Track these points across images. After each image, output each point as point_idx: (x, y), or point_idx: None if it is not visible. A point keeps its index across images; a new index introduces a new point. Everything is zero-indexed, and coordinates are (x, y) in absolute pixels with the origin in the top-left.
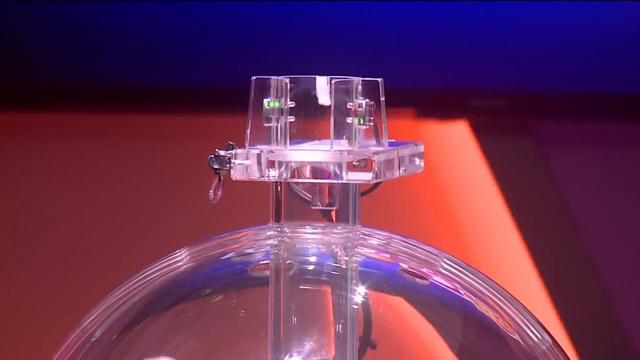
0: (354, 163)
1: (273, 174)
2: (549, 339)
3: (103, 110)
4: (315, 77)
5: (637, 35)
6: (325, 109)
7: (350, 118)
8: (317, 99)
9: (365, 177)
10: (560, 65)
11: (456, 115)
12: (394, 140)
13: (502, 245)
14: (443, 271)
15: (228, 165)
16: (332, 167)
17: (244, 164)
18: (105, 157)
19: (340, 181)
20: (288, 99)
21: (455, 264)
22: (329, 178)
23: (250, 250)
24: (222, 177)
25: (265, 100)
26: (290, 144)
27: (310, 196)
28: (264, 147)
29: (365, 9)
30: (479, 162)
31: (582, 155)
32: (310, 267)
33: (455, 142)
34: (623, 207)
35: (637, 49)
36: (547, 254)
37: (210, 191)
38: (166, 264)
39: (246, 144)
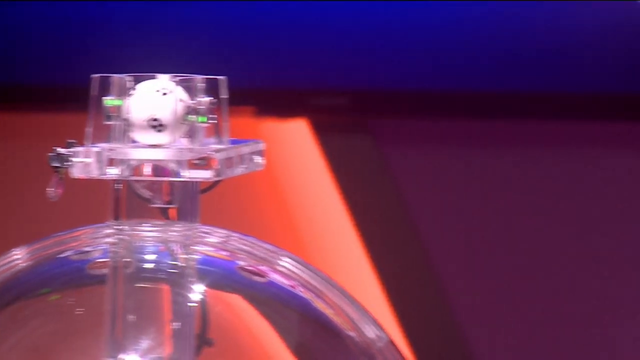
0: (194, 161)
1: (113, 172)
2: (386, 336)
3: None
4: (156, 75)
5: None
6: None
7: (192, 116)
8: None
9: (205, 174)
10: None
11: (296, 113)
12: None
13: (340, 243)
14: (281, 269)
15: (68, 163)
16: (172, 165)
17: (85, 161)
18: None
19: (179, 179)
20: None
21: (293, 261)
22: (168, 176)
23: (88, 249)
24: (62, 175)
25: (105, 99)
26: (130, 142)
27: (151, 194)
28: (105, 145)
29: (210, 6)
30: (317, 159)
31: (419, 152)
32: (148, 265)
33: (295, 140)
34: (459, 204)
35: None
36: (384, 252)
37: (50, 189)
38: (4, 262)
39: (87, 142)
